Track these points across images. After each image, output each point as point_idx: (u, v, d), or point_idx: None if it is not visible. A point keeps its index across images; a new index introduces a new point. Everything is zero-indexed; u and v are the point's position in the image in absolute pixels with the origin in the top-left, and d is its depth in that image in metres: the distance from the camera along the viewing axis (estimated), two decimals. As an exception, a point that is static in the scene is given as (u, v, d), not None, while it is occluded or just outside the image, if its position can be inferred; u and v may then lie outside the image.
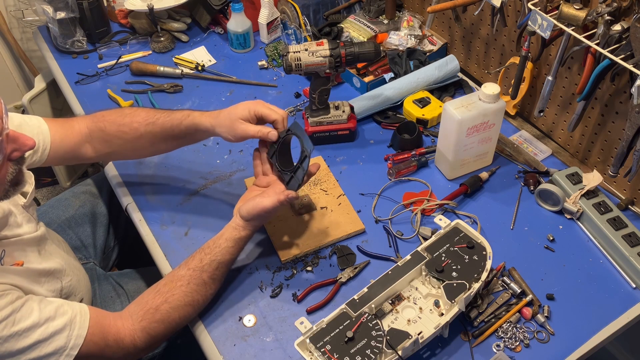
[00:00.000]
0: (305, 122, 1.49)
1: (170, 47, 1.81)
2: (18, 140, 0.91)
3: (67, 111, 2.12)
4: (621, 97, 1.23)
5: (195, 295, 1.08)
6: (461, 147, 1.32)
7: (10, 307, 0.92)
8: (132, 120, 1.22)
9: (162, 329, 1.06)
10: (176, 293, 1.07)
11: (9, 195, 0.96)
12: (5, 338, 0.90)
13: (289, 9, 1.77)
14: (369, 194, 1.36)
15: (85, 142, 1.25)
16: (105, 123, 1.23)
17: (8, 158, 0.91)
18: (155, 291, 1.08)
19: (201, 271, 1.09)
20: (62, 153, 1.22)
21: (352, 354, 0.97)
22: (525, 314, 1.12)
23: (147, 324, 1.05)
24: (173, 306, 1.06)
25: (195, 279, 1.08)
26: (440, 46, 1.69)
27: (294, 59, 1.34)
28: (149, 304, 1.06)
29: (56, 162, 1.26)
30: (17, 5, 2.04)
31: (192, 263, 1.10)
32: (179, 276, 1.09)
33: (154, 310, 1.05)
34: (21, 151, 0.92)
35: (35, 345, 0.93)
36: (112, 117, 1.24)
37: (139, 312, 1.06)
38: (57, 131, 1.21)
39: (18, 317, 0.92)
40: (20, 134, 0.92)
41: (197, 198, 1.37)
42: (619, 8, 1.11)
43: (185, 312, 1.08)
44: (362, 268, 1.21)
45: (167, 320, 1.06)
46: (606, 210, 1.25)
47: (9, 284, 0.96)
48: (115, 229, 1.58)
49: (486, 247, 1.12)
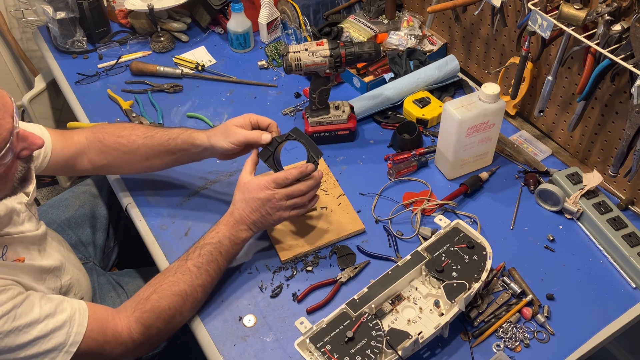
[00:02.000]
0: (305, 122, 1.49)
1: (170, 47, 1.81)
2: (27, 139, 0.93)
3: (67, 111, 2.12)
4: (621, 97, 1.23)
5: (180, 284, 1.08)
6: (461, 147, 1.32)
7: (11, 302, 0.92)
8: (130, 132, 1.26)
9: (154, 319, 1.06)
10: (164, 283, 1.09)
11: (16, 192, 0.97)
12: (6, 333, 0.91)
13: (289, 9, 1.77)
14: (369, 194, 1.36)
15: (82, 153, 1.27)
16: (104, 134, 1.27)
17: (17, 156, 0.93)
18: (148, 284, 1.11)
19: (186, 260, 1.11)
20: (60, 162, 1.24)
21: (352, 354, 0.97)
22: (525, 314, 1.12)
23: (140, 313, 1.06)
24: (161, 295, 1.07)
25: (181, 268, 1.10)
26: (440, 46, 1.69)
27: (294, 59, 1.34)
28: (140, 295, 1.09)
29: (54, 171, 1.27)
30: (17, 5, 2.04)
31: (181, 255, 1.13)
32: (169, 268, 1.12)
33: (144, 300, 1.07)
34: (30, 150, 0.94)
35: (35, 341, 0.94)
36: (112, 129, 1.28)
37: (132, 304, 1.08)
38: (58, 140, 1.24)
39: (19, 313, 0.93)
40: (29, 133, 0.94)
41: (197, 198, 1.37)
42: (619, 8, 1.11)
43: (173, 301, 1.08)
44: (362, 268, 1.21)
45: (156, 310, 1.06)
46: (606, 210, 1.25)
47: (10, 279, 0.97)
48: (115, 229, 1.58)
49: (486, 247, 1.12)
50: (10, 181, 0.94)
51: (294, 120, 1.57)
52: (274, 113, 1.59)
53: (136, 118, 1.56)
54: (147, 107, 1.62)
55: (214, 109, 1.62)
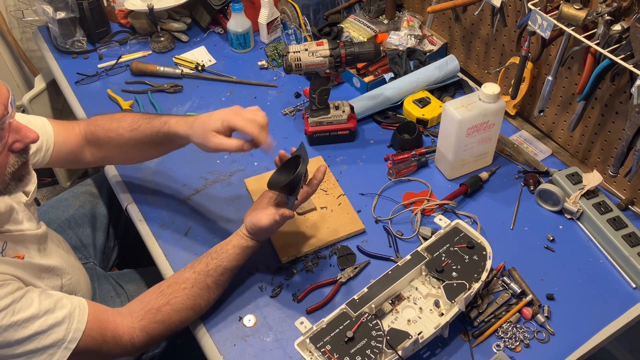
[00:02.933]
0: (305, 122, 1.49)
1: (170, 47, 1.81)
2: (21, 132, 0.92)
3: (67, 111, 2.12)
4: (621, 97, 1.23)
5: (197, 299, 1.07)
6: (461, 147, 1.32)
7: (10, 297, 0.92)
8: (118, 125, 1.21)
9: (162, 330, 1.06)
10: (179, 295, 1.06)
11: (10, 190, 0.95)
12: (5, 328, 0.90)
13: (289, 9, 1.77)
14: (369, 194, 1.36)
15: (84, 145, 1.25)
16: (96, 127, 1.24)
17: (10, 149, 0.91)
18: (159, 292, 1.08)
19: (206, 275, 1.08)
20: (64, 154, 1.22)
21: (352, 354, 0.97)
22: (525, 314, 1.12)
23: (147, 323, 1.05)
24: (175, 309, 1.06)
25: (200, 283, 1.08)
26: (440, 46, 1.69)
27: (294, 59, 1.34)
28: (150, 303, 1.06)
29: (58, 164, 1.26)
30: (17, 5, 2.04)
31: (198, 267, 1.09)
32: (184, 278, 1.08)
33: (155, 310, 1.05)
34: (23, 142, 0.92)
35: (33, 337, 0.93)
36: (102, 122, 1.24)
37: (140, 311, 1.06)
38: (60, 132, 1.22)
39: (18, 308, 0.92)
40: (23, 126, 0.92)
41: (197, 198, 1.37)
42: (619, 8, 1.11)
43: (186, 315, 1.08)
44: (362, 268, 1.21)
45: (167, 322, 1.06)
46: (606, 210, 1.25)
47: (9, 275, 0.96)
48: (115, 229, 1.58)
49: (486, 247, 1.12)
50: (2, 174, 0.91)
51: (294, 120, 1.57)
52: (274, 113, 1.59)
53: (136, 118, 1.56)
54: (147, 107, 1.62)
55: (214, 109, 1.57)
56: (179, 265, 1.19)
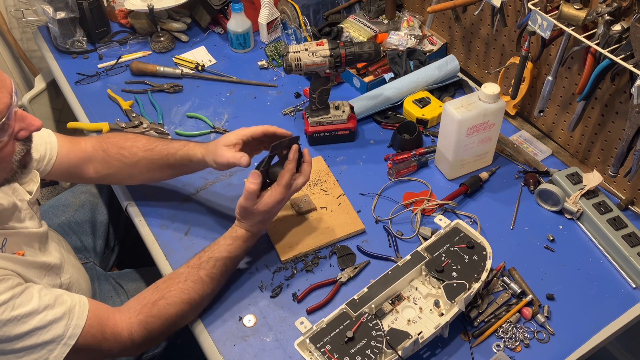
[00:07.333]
0: (305, 122, 1.49)
1: (170, 47, 1.81)
2: (25, 120, 0.94)
3: (67, 111, 2.12)
4: (621, 97, 1.23)
5: (191, 293, 1.08)
6: (461, 147, 1.32)
7: (10, 292, 0.92)
8: (132, 144, 1.25)
9: (159, 325, 1.07)
10: (173, 289, 1.08)
11: (17, 177, 0.97)
12: (4, 322, 0.90)
13: (289, 9, 1.77)
14: (369, 194, 1.36)
15: (88, 161, 1.27)
16: (108, 144, 1.27)
17: (15, 137, 0.93)
18: (155, 287, 1.10)
19: (198, 268, 1.10)
20: (65, 166, 1.24)
21: (352, 354, 0.97)
22: (525, 314, 1.12)
23: (144, 317, 1.06)
24: (169, 302, 1.07)
25: (193, 276, 1.09)
26: (440, 46, 1.69)
27: (294, 59, 1.34)
28: (146, 298, 1.08)
29: (59, 176, 1.28)
30: (17, 5, 2.04)
31: (191, 261, 1.12)
32: (178, 274, 1.11)
33: (151, 305, 1.06)
34: (28, 130, 0.94)
35: (33, 332, 0.93)
36: (115, 140, 1.27)
37: (137, 306, 1.07)
38: (64, 144, 1.24)
39: (17, 303, 0.92)
40: (27, 114, 0.95)
41: (197, 198, 1.37)
42: (619, 8, 1.11)
43: (182, 309, 1.08)
44: (362, 268, 1.21)
45: (163, 316, 1.06)
46: (606, 210, 1.25)
47: (10, 270, 0.97)
48: (115, 229, 1.58)
49: (486, 247, 1.12)
50: (9, 162, 0.94)
51: (294, 120, 1.57)
52: (274, 113, 1.59)
53: (136, 118, 1.56)
54: (147, 107, 1.62)
55: (214, 109, 1.62)
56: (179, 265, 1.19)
